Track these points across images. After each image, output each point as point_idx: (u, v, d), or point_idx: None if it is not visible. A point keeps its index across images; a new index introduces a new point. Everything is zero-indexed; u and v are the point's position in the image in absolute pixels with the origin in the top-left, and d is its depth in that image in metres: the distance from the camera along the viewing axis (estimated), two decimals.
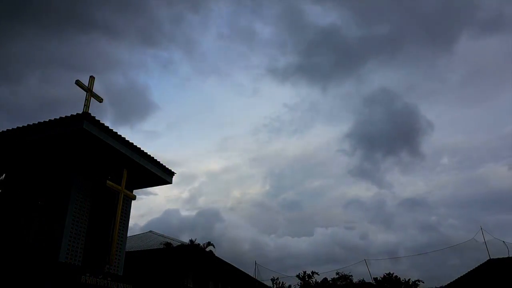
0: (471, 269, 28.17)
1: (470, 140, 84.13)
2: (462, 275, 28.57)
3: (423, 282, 32.72)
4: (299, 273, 36.24)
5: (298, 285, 36.00)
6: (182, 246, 27.32)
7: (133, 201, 16.16)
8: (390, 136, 79.46)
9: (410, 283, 32.63)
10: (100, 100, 14.62)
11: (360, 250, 59.48)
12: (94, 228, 14.05)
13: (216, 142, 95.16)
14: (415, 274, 34.04)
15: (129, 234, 16.72)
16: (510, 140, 74.85)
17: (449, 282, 29.77)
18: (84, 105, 13.51)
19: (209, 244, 28.69)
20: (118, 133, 13.55)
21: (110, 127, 13.13)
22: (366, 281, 34.51)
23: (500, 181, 74.66)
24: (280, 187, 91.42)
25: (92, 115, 12.56)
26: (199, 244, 28.08)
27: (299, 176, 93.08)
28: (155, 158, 15.57)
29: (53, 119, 12.64)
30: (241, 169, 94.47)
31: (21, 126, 13.13)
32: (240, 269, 33.06)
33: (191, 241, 28.10)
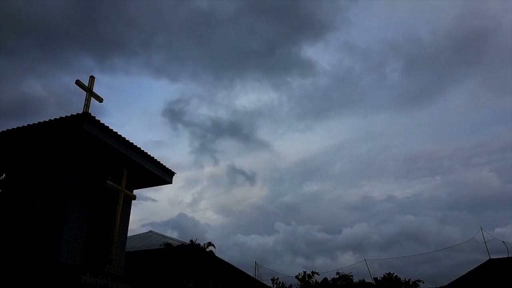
0: (471, 269, 28.21)
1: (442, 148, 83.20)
2: (462, 275, 28.59)
3: (423, 282, 32.69)
4: (299, 273, 36.24)
5: (298, 285, 35.97)
6: (182, 246, 27.30)
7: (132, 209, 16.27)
8: None
9: (410, 283, 32.59)
10: (100, 100, 14.62)
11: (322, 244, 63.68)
12: (94, 228, 14.05)
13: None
14: (414, 274, 34.01)
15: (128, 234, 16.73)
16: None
17: (449, 282, 29.76)
18: (84, 105, 13.51)
19: (209, 244, 28.68)
20: (118, 133, 13.57)
21: (110, 127, 13.15)
22: (366, 281, 34.49)
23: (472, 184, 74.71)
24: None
25: (92, 115, 12.58)
26: (199, 244, 28.07)
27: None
28: (155, 158, 15.57)
29: (53, 119, 12.65)
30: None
31: (21, 126, 13.14)
32: (240, 269, 33.12)
33: (191, 241, 28.08)
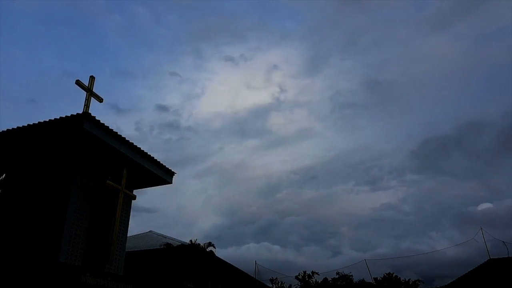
0: (471, 269, 28.20)
1: None
2: (462, 275, 28.58)
3: (423, 282, 32.66)
4: (299, 273, 36.19)
5: (298, 285, 35.92)
6: (182, 246, 27.30)
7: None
8: None
9: (410, 283, 32.56)
10: (100, 100, 14.61)
11: None
12: (94, 228, 14.05)
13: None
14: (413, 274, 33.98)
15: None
16: None
17: (449, 282, 29.76)
18: (84, 105, 13.50)
19: (209, 244, 28.68)
20: (118, 133, 13.56)
21: (110, 127, 13.15)
22: (366, 281, 34.44)
23: None
24: None
25: (92, 115, 12.58)
26: (199, 244, 28.07)
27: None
28: (155, 158, 15.57)
29: (53, 119, 12.65)
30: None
31: (21, 126, 13.14)
32: (240, 269, 33.09)
33: (191, 241, 28.08)
